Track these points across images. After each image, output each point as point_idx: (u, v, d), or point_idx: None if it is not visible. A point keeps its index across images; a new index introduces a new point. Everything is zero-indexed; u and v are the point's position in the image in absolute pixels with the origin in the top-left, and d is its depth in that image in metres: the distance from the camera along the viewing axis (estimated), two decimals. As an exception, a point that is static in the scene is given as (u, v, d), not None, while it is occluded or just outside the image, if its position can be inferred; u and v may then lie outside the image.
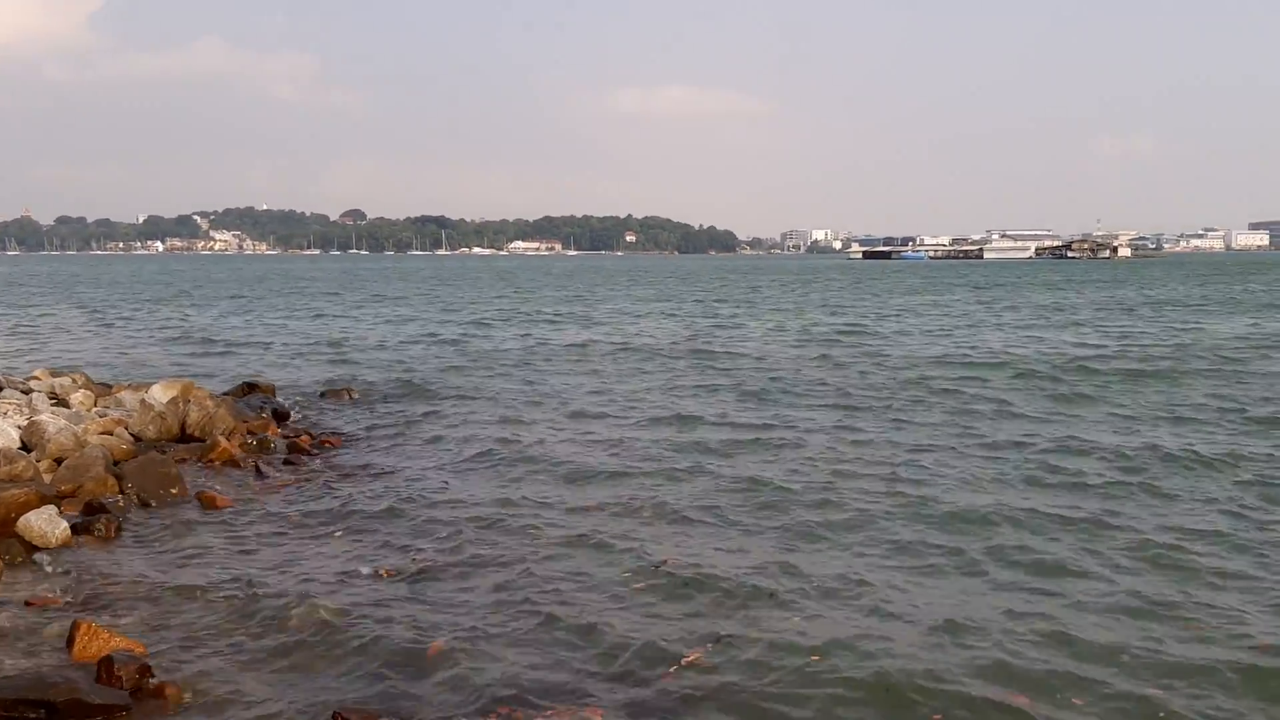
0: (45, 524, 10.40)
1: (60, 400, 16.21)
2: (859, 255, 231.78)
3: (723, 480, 13.38)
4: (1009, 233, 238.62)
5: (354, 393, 20.93)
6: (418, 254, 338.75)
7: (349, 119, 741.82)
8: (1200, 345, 30.10)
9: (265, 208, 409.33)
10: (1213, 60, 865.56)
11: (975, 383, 22.19)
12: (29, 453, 12.86)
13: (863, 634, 8.21)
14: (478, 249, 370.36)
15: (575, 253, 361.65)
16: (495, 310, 50.97)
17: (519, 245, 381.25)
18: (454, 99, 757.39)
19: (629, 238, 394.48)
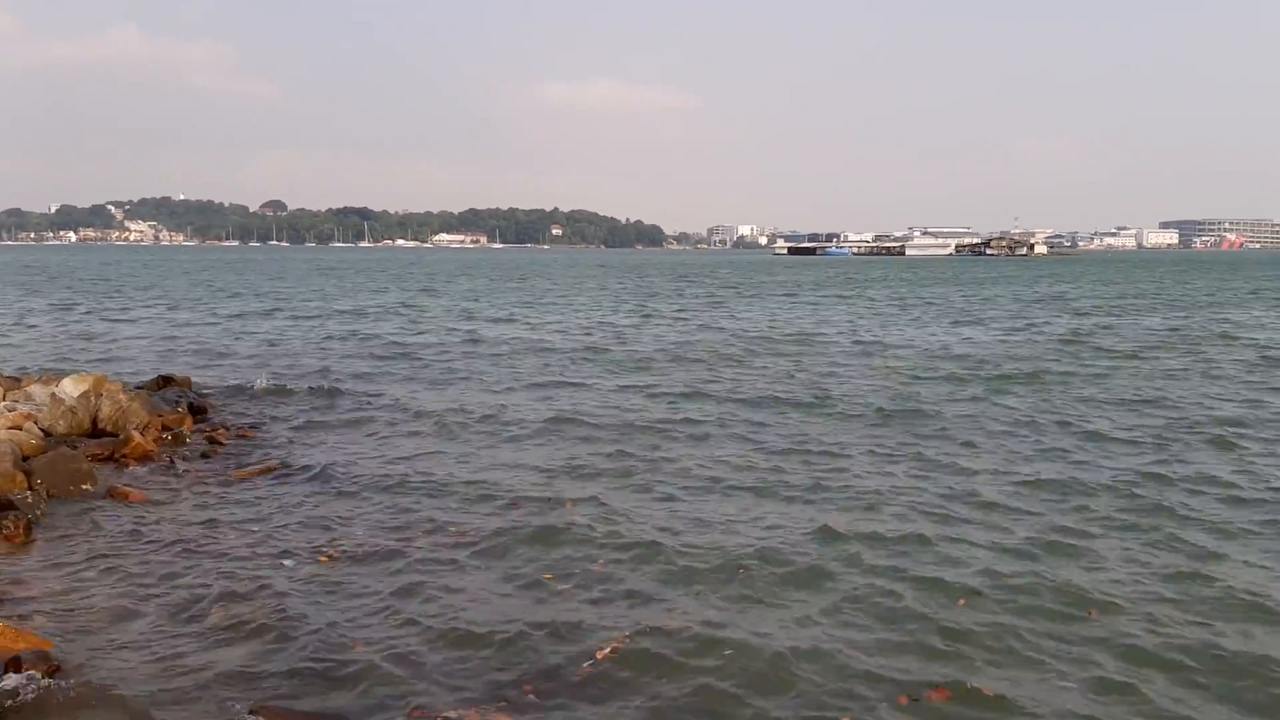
0: (-50, 522, 10.17)
1: (-35, 395, 15.79)
2: (784, 251, 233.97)
3: (639, 467, 13.57)
4: (930, 230, 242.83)
5: (272, 387, 20.70)
6: (340, 246, 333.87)
7: (269, 108, 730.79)
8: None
9: (182, 198, 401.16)
10: (1128, 68, 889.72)
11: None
12: (-67, 449, 12.53)
13: (760, 620, 8.42)
14: (401, 241, 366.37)
15: (501, 246, 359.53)
16: (407, 305, 50.59)
17: (444, 238, 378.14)
18: (378, 89, 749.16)
19: (555, 231, 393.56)
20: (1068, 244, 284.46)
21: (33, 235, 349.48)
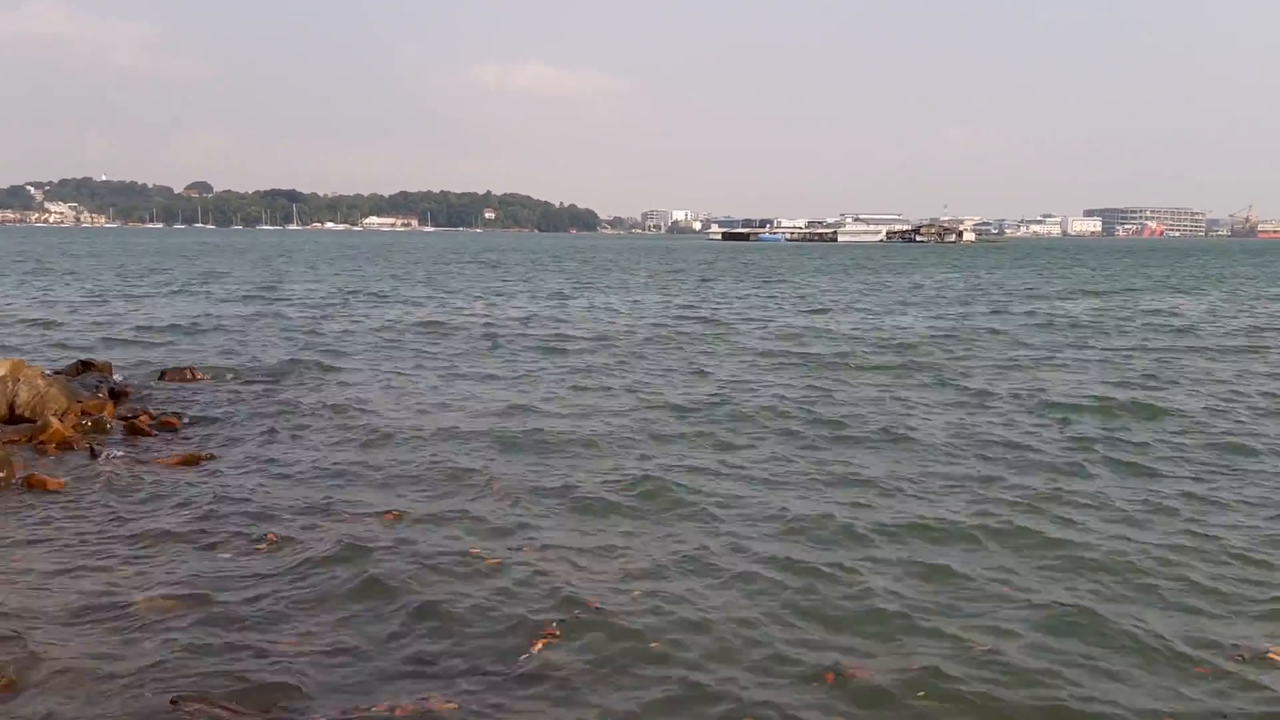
0: None
1: (-128, 380, 15.20)
2: (719, 236, 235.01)
3: (558, 458, 13.51)
4: (862, 216, 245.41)
5: (196, 373, 20.19)
6: (267, 229, 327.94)
7: (195, 88, 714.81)
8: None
9: (104, 179, 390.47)
10: (1053, 59, 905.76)
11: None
12: None
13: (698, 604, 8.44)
14: (330, 224, 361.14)
15: (433, 229, 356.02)
16: (341, 291, 49.89)
17: (374, 221, 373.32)
18: (307, 70, 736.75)
19: (488, 214, 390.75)
20: (995, 231, 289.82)
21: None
